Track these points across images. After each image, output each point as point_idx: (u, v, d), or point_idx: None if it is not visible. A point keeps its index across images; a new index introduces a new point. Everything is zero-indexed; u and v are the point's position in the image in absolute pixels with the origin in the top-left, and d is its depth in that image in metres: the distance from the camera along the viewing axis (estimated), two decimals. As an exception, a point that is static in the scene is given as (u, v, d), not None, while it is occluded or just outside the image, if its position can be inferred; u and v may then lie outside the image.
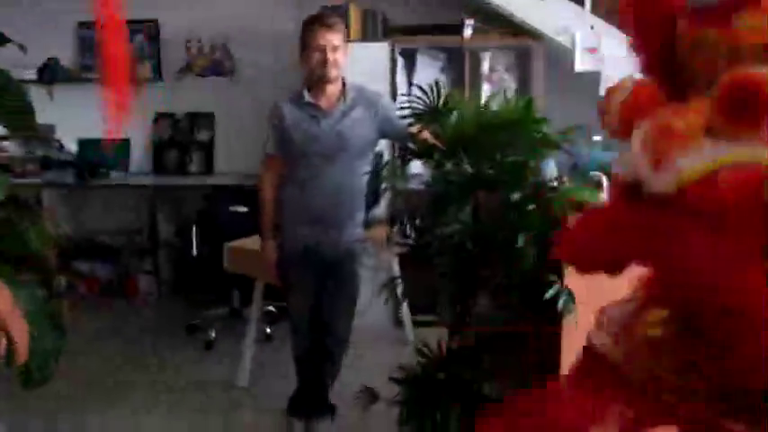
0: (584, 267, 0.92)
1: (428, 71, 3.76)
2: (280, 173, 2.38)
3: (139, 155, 4.68)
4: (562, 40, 3.55)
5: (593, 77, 3.41)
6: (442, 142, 1.87)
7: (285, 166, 2.37)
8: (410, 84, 3.76)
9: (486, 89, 3.71)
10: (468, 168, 1.86)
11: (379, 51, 3.69)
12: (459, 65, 3.72)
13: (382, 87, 3.41)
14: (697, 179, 0.74)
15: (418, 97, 1.90)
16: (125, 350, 3.53)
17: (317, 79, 2.29)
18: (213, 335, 3.53)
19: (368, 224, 2.54)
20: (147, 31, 4.58)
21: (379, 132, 2.35)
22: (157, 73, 4.59)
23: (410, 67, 3.80)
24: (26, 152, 4.65)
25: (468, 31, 3.60)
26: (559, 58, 3.63)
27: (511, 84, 3.77)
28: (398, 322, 3.61)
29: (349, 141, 2.29)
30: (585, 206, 1.66)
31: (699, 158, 0.74)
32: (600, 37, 3.45)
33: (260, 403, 2.77)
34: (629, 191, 0.85)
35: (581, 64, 3.51)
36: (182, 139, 4.60)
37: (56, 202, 4.58)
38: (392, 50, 3.68)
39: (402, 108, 2.07)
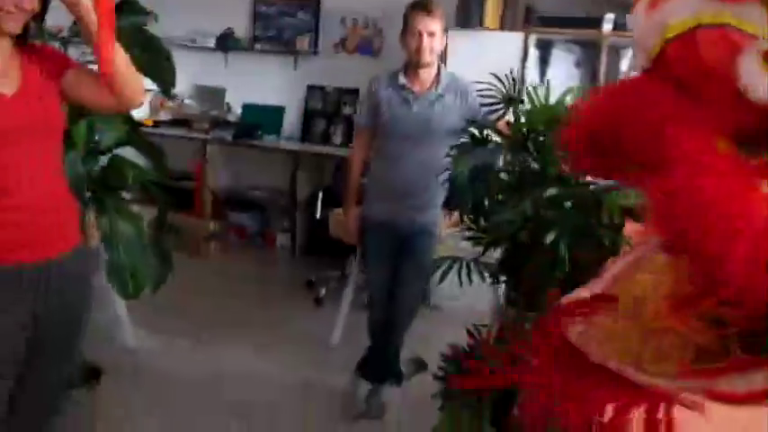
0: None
1: (562, 65, 3.68)
2: (370, 146, 2.55)
3: (292, 122, 5.12)
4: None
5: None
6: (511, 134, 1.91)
7: (374, 142, 2.53)
8: (542, 77, 3.71)
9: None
10: (533, 164, 1.89)
11: (512, 41, 3.68)
12: (596, 61, 3.59)
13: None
14: (677, 36, 0.71)
15: (494, 85, 1.94)
16: (255, 293, 4.00)
17: (412, 63, 2.41)
18: (323, 293, 3.84)
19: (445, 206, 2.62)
20: (309, 8, 4.96)
21: (466, 120, 2.42)
22: (314, 47, 4.97)
23: (544, 60, 3.74)
24: (201, 111, 5.33)
25: (607, 26, 3.45)
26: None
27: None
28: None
29: (436, 126, 2.38)
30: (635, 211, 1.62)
31: (684, 10, 0.71)
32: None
33: (342, 362, 3.00)
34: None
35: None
36: (329, 110, 4.95)
37: (217, 156, 5.18)
38: (525, 41, 3.65)
39: (480, 95, 2.12)
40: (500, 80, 1.94)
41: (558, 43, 3.74)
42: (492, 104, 1.98)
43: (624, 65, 3.59)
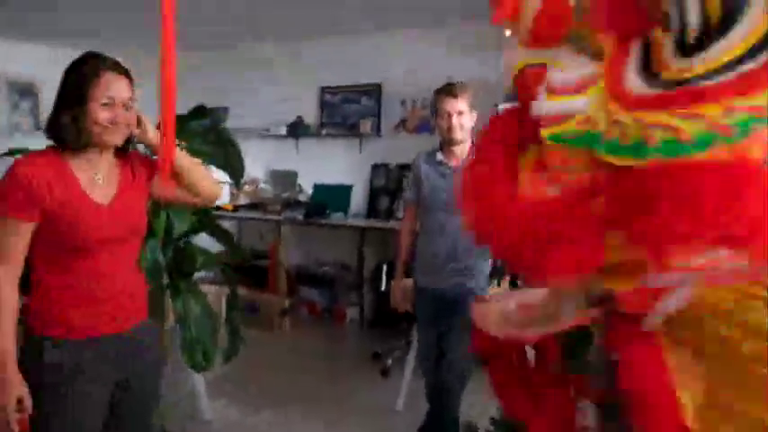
0: None
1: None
2: (416, 219, 2.71)
3: (358, 200, 5.39)
4: None
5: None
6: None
7: (419, 216, 2.70)
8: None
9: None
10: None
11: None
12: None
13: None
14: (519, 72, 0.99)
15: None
16: (325, 368, 4.15)
17: (446, 141, 2.59)
18: (389, 363, 3.94)
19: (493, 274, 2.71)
20: (372, 93, 5.32)
21: None
22: (377, 129, 5.28)
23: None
24: (275, 194, 5.71)
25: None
26: None
27: None
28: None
29: (474, 198, 2.51)
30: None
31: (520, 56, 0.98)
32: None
33: (405, 428, 3.06)
34: None
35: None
36: (392, 187, 5.19)
37: (290, 235, 5.49)
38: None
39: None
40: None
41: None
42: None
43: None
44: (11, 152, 2.51)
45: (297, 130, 5.57)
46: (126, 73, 1.65)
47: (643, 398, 0.89)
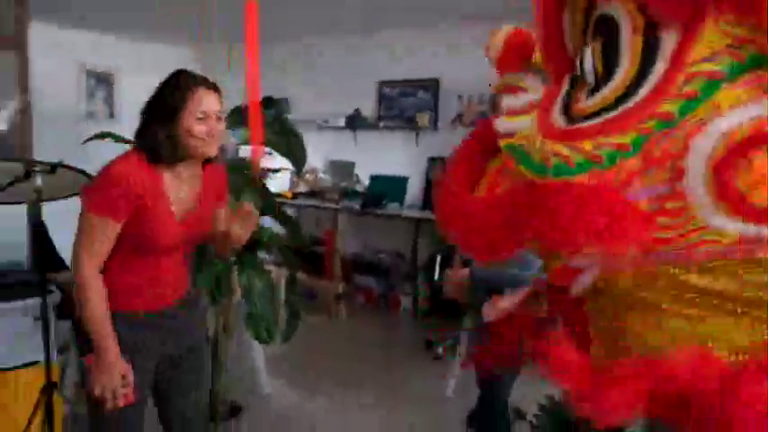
0: None
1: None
2: None
3: (414, 191, 5.49)
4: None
5: None
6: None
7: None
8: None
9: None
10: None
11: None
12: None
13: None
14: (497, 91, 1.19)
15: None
16: (379, 356, 4.29)
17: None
18: (440, 351, 4.05)
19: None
20: (429, 88, 5.40)
21: None
22: (434, 123, 5.37)
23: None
24: (333, 183, 5.87)
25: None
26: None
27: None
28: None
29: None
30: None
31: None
32: None
33: (456, 413, 3.15)
34: None
35: None
36: (448, 179, 5.27)
37: (347, 223, 5.65)
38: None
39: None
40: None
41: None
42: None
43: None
44: (101, 135, 2.72)
45: (355, 122, 5.71)
46: (215, 87, 1.77)
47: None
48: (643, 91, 0.91)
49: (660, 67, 0.91)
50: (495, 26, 1.24)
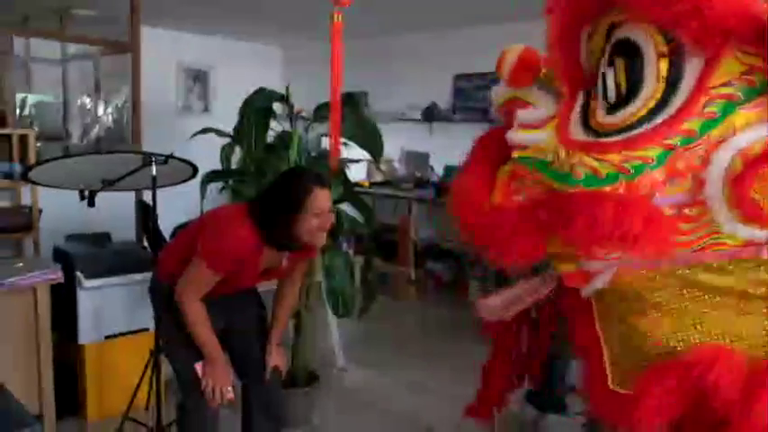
0: None
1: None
2: None
3: (486, 181, 5.63)
4: None
5: None
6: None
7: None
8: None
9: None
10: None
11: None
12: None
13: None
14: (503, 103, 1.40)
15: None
16: (448, 337, 4.53)
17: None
18: (507, 334, 4.22)
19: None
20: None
21: None
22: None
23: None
24: (408, 173, 6.11)
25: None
26: None
27: None
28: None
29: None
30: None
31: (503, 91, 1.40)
32: None
33: (517, 391, 3.32)
34: None
35: None
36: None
37: (420, 212, 5.88)
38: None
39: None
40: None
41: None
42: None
43: None
44: (204, 130, 3.08)
45: (431, 114, 5.91)
46: (328, 185, 2.03)
47: (579, 346, 1.30)
48: (669, 110, 1.02)
49: (685, 90, 1.02)
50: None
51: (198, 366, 2.08)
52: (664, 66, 1.03)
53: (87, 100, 5.72)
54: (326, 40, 2.60)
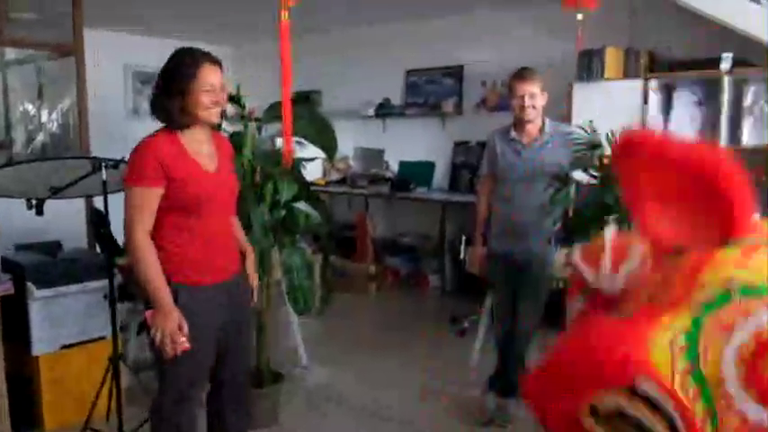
0: None
1: (684, 106, 3.88)
2: (491, 190, 3.02)
3: (440, 175, 5.72)
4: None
5: None
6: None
7: (494, 186, 3.00)
8: (666, 118, 3.94)
9: (748, 122, 3.69)
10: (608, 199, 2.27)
11: (633, 88, 3.98)
12: (717, 98, 3.76)
13: (634, 122, 3.74)
14: None
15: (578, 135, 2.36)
16: (407, 331, 4.57)
17: (519, 120, 2.87)
18: (466, 325, 4.31)
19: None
20: (454, 75, 5.61)
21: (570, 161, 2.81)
22: (459, 108, 5.58)
23: (667, 102, 3.97)
24: (363, 170, 6.14)
25: (725, 65, 3.64)
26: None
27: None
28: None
29: (542, 170, 2.80)
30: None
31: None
32: None
33: (478, 378, 3.41)
34: None
35: None
36: (473, 163, 5.48)
37: (377, 208, 5.92)
38: (645, 87, 3.93)
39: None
40: (584, 129, 2.35)
41: (680, 85, 3.95)
42: (579, 150, 2.39)
43: (747, 99, 3.71)
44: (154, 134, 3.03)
45: (384, 110, 5.96)
46: (218, 61, 2.04)
47: None
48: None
49: None
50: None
51: (148, 314, 1.95)
52: None
53: (30, 106, 5.55)
54: (277, 37, 2.59)
